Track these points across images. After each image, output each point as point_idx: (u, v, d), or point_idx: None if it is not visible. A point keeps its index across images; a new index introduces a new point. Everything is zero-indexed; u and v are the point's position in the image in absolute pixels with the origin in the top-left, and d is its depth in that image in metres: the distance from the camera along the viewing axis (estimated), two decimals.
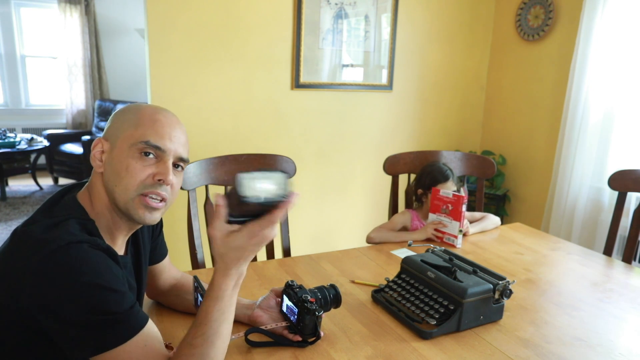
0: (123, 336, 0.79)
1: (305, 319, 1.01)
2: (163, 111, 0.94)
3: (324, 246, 3.03)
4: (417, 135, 3.38)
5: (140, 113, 0.92)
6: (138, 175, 0.88)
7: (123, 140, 0.90)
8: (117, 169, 0.89)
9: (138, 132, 0.89)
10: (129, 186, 0.88)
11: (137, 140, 0.89)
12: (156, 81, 2.52)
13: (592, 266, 1.59)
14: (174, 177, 0.93)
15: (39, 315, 0.79)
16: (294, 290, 1.07)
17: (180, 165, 0.96)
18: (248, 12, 2.66)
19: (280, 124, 2.90)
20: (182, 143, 0.94)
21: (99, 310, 0.78)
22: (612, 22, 2.61)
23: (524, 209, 3.36)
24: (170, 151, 0.91)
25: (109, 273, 0.81)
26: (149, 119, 0.91)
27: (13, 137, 4.88)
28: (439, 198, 1.75)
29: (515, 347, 1.08)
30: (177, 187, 0.96)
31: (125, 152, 0.89)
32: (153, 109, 0.94)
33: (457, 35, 3.36)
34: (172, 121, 0.94)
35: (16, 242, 0.84)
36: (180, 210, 1.74)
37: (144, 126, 0.90)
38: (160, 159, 0.91)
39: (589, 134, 2.74)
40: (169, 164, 0.91)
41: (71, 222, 0.85)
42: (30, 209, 4.52)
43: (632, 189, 1.84)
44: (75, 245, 0.79)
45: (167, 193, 0.92)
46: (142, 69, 3.16)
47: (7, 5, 5.64)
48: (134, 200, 0.89)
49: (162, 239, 1.18)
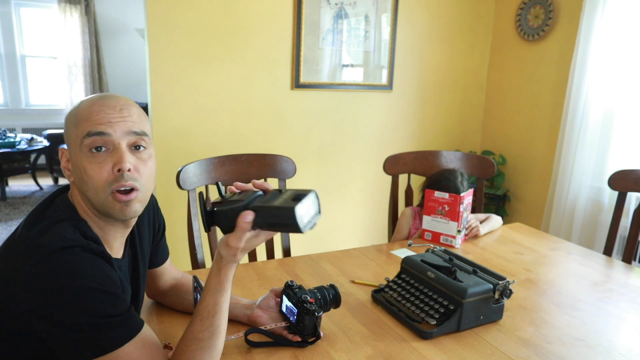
0: (122, 338, 0.79)
1: (305, 320, 1.01)
2: (101, 98, 0.87)
3: (324, 246, 3.03)
4: (417, 135, 3.38)
5: (78, 109, 0.87)
6: (98, 175, 0.83)
7: (73, 144, 0.86)
8: (80, 175, 0.85)
9: (80, 129, 0.84)
10: (97, 188, 0.84)
11: (80, 138, 0.83)
12: (156, 81, 2.52)
13: (592, 266, 1.59)
14: (136, 160, 0.86)
15: (34, 320, 0.78)
16: (293, 290, 1.07)
17: (142, 145, 0.87)
18: (248, 12, 2.66)
19: (280, 124, 2.90)
20: (131, 120, 0.86)
21: (95, 313, 0.77)
22: (612, 22, 2.61)
23: (524, 209, 3.36)
24: (116, 132, 0.84)
25: (102, 276, 0.80)
26: (86, 111, 0.85)
27: (13, 137, 4.88)
28: (434, 200, 1.73)
29: (515, 347, 1.08)
30: (146, 170, 0.88)
31: (78, 155, 0.85)
32: (90, 100, 0.87)
33: (457, 35, 3.36)
34: (111, 103, 0.86)
35: (9, 247, 0.83)
36: (180, 210, 1.74)
37: (82, 120, 0.84)
38: (112, 147, 0.84)
39: (589, 134, 2.74)
40: (122, 148, 0.84)
41: (64, 224, 0.83)
42: (30, 209, 4.51)
43: (632, 189, 1.84)
44: (68, 249, 0.78)
45: (133, 181, 0.85)
46: (142, 69, 3.16)
47: (7, 5, 5.64)
48: (107, 199, 0.85)
49: (164, 242, 1.17)
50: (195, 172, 1.65)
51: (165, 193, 2.47)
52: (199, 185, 1.66)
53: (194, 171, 1.65)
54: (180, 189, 1.61)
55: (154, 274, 1.16)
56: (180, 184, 1.60)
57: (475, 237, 1.80)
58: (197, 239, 1.65)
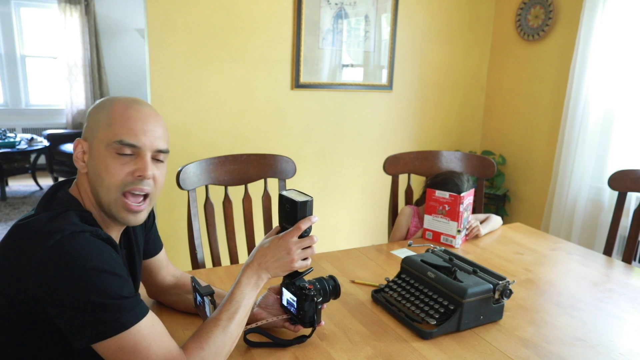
0: (138, 316, 0.82)
1: (305, 306, 1.02)
2: (134, 104, 0.93)
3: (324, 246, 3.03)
4: (417, 135, 3.38)
5: (112, 110, 0.91)
6: (118, 174, 0.89)
7: (99, 141, 0.90)
8: (97, 170, 0.90)
9: (112, 132, 0.89)
10: (111, 186, 0.90)
11: (111, 140, 0.89)
12: (156, 81, 2.52)
13: (592, 266, 1.59)
14: (155, 170, 0.93)
15: (47, 304, 0.80)
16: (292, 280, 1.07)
17: (161, 158, 0.96)
18: (248, 12, 2.66)
19: (280, 124, 2.90)
20: (159, 135, 0.93)
21: (105, 294, 0.79)
22: (612, 22, 2.61)
23: (524, 209, 3.36)
24: (146, 146, 0.91)
25: (112, 260, 0.84)
26: (121, 116, 0.90)
27: (13, 137, 4.88)
28: (434, 199, 1.73)
29: (515, 347, 1.08)
30: (161, 179, 0.96)
31: (102, 153, 0.89)
32: (124, 104, 0.92)
33: (457, 35, 3.36)
34: (145, 114, 0.92)
35: (18, 235, 0.85)
36: (180, 210, 1.74)
37: (116, 124, 0.89)
38: (137, 155, 0.91)
39: (589, 134, 2.74)
40: (147, 158, 0.91)
41: (71, 213, 0.86)
42: (30, 209, 4.51)
43: (632, 189, 1.84)
44: (79, 234, 0.82)
45: (149, 187, 0.93)
46: (142, 69, 3.16)
47: (7, 5, 5.64)
48: (117, 201, 0.90)
49: (155, 231, 1.19)
50: (195, 172, 1.65)
51: (165, 193, 2.47)
52: (199, 185, 1.66)
53: (194, 171, 1.65)
54: (180, 189, 1.61)
55: (150, 267, 1.17)
56: (180, 184, 1.60)
57: (475, 237, 1.80)
58: (197, 239, 1.65)
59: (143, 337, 0.82)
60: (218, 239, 1.71)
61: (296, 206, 0.97)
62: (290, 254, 0.96)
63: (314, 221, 0.98)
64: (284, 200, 1.00)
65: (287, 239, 0.96)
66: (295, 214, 0.98)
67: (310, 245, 0.99)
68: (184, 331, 1.09)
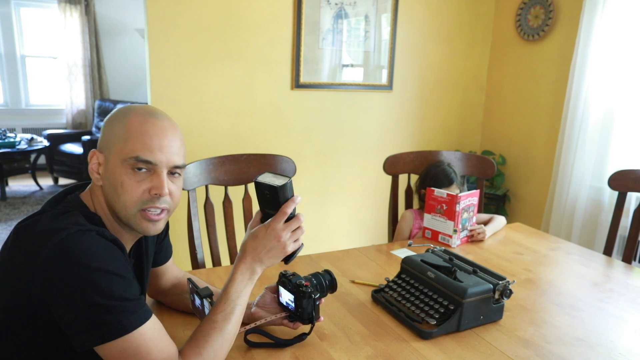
0: (140, 319, 0.82)
1: (303, 303, 1.02)
2: (152, 118, 0.90)
3: (324, 246, 3.03)
4: (417, 135, 3.38)
5: (128, 124, 0.89)
6: (134, 192, 0.88)
7: (115, 154, 0.89)
8: (113, 185, 0.89)
9: (128, 147, 0.87)
10: (128, 203, 0.89)
11: (127, 156, 0.87)
12: (156, 81, 2.52)
13: (592, 266, 1.59)
14: (172, 185, 0.92)
15: (52, 303, 0.79)
16: (288, 278, 1.07)
17: (177, 172, 0.94)
18: (248, 12, 2.66)
19: (280, 124, 2.90)
20: (175, 151, 0.91)
21: (109, 295, 0.79)
22: (612, 22, 2.61)
23: (524, 209, 3.36)
24: (163, 163, 0.89)
25: (117, 261, 0.83)
26: (137, 130, 0.88)
27: (13, 137, 4.88)
28: (433, 198, 1.74)
29: (515, 347, 1.08)
30: (178, 193, 0.95)
31: (118, 168, 0.88)
32: (141, 117, 0.90)
33: (457, 35, 3.36)
34: (162, 129, 0.90)
35: (24, 235, 0.84)
36: (180, 210, 1.73)
37: (132, 139, 0.88)
38: (153, 171, 0.89)
39: (589, 134, 2.74)
40: (163, 175, 0.90)
41: (77, 213, 0.86)
42: (30, 209, 4.52)
43: (632, 189, 1.83)
44: (85, 232, 0.81)
45: (166, 204, 0.92)
46: (142, 69, 3.16)
47: (7, 5, 5.64)
48: (135, 215, 0.90)
49: (167, 241, 1.18)
50: (195, 172, 1.65)
51: None
52: (199, 185, 1.66)
53: (194, 171, 1.65)
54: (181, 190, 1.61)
55: (156, 272, 1.17)
56: None
57: (479, 241, 1.78)
58: (197, 239, 1.65)
59: (144, 341, 0.81)
60: (218, 239, 1.71)
61: (276, 191, 0.92)
62: (281, 241, 0.93)
63: (298, 202, 0.94)
64: (261, 187, 0.94)
65: (275, 227, 0.93)
66: (277, 199, 0.93)
67: (298, 226, 0.95)
68: (184, 331, 1.09)
